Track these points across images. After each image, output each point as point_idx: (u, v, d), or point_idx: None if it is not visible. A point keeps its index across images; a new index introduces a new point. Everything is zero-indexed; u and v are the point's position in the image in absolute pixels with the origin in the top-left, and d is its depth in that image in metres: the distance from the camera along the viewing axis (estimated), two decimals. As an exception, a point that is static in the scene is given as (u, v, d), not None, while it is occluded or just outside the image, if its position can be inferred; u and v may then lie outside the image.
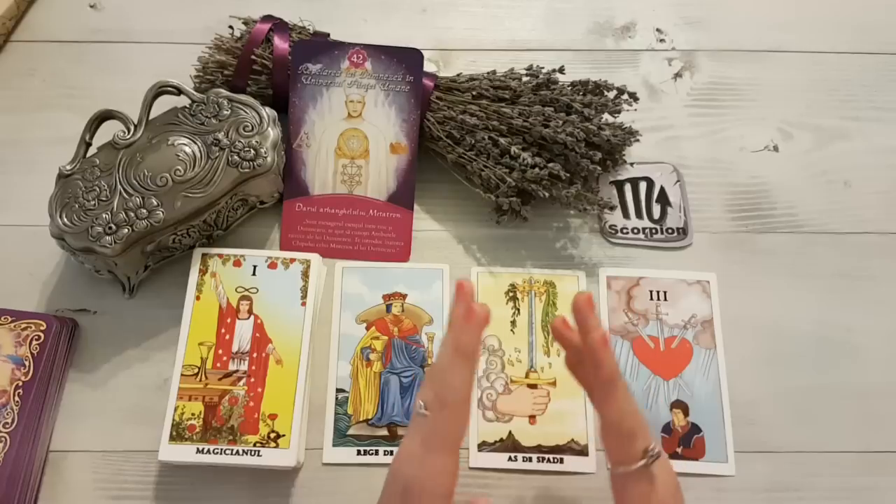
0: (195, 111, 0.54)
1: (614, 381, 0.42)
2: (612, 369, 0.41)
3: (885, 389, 0.55)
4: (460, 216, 0.60)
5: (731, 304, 0.57)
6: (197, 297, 0.53)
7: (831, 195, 0.61)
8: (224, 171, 0.52)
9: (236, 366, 0.51)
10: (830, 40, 0.68)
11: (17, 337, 0.51)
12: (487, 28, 0.68)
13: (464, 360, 0.41)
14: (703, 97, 0.65)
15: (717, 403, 0.54)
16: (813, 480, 0.52)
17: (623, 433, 0.41)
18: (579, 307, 0.43)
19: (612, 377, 0.41)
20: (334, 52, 0.59)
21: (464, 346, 0.41)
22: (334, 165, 0.59)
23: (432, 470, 0.40)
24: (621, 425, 0.41)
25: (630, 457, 0.41)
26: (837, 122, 0.64)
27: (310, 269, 0.54)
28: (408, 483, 0.40)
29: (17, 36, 0.66)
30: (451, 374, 0.41)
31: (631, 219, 0.60)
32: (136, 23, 0.67)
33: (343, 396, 0.53)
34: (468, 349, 0.41)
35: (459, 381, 0.41)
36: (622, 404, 0.41)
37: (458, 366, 0.41)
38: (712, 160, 0.62)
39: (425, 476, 0.39)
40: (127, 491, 0.51)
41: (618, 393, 0.41)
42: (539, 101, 0.57)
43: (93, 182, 0.52)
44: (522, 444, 0.52)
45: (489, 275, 0.58)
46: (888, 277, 0.58)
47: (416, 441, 0.41)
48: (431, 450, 0.40)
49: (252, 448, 0.49)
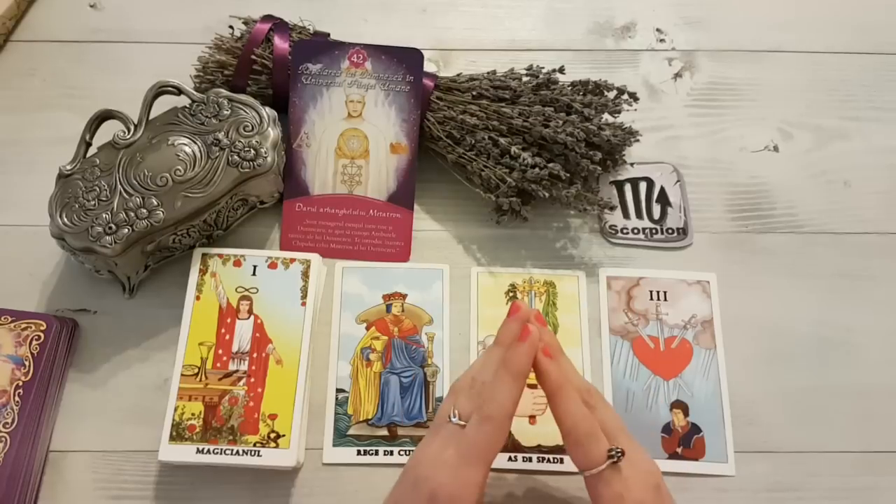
0: (195, 111, 0.54)
1: (559, 388, 0.42)
2: (554, 377, 0.42)
3: (885, 389, 0.55)
4: (460, 216, 0.60)
5: (731, 304, 0.57)
6: (197, 297, 0.53)
7: (831, 195, 0.61)
8: (224, 171, 0.52)
9: (236, 366, 0.51)
10: (830, 40, 0.68)
11: (17, 337, 0.51)
12: (487, 28, 0.68)
13: (513, 378, 0.42)
14: (703, 97, 0.65)
15: (717, 403, 0.54)
16: (813, 480, 0.52)
17: (581, 438, 0.41)
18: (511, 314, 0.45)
19: (557, 385, 0.42)
20: (334, 52, 0.59)
21: (515, 366, 0.42)
22: (334, 165, 0.59)
23: (466, 482, 0.40)
24: (577, 430, 0.42)
25: (594, 460, 0.41)
26: (837, 122, 0.64)
27: (310, 269, 0.54)
28: (436, 491, 0.40)
29: (17, 36, 0.66)
30: (499, 391, 0.41)
31: (631, 219, 0.60)
32: (137, 23, 0.67)
33: (343, 396, 0.53)
34: (518, 369, 0.42)
35: (507, 399, 0.41)
36: (573, 409, 0.42)
37: (508, 384, 0.42)
38: (712, 160, 0.62)
39: (457, 487, 0.40)
40: (127, 491, 0.51)
41: (566, 399, 0.42)
42: (539, 101, 0.57)
43: (93, 182, 0.52)
44: (522, 444, 0.52)
45: (489, 275, 0.58)
46: (888, 277, 0.58)
47: (450, 450, 0.41)
48: (468, 462, 0.40)
49: (252, 448, 0.49)
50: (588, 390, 0.45)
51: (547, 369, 0.43)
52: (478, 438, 0.41)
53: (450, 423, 0.42)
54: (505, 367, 0.42)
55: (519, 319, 0.45)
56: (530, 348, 0.43)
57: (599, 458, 0.41)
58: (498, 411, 0.41)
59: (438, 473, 0.40)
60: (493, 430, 0.41)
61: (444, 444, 0.41)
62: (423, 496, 0.40)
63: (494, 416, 0.41)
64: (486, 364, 0.44)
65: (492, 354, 0.44)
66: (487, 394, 0.42)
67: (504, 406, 0.41)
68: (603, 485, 0.41)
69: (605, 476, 0.41)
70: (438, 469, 0.40)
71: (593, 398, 0.45)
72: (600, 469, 0.41)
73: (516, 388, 0.42)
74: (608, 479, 0.41)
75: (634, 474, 0.41)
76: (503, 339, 0.45)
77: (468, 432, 0.41)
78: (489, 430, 0.41)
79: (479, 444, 0.41)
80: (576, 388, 0.44)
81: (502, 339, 0.45)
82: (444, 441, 0.42)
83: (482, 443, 0.41)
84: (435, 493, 0.40)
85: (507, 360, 0.43)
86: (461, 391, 0.44)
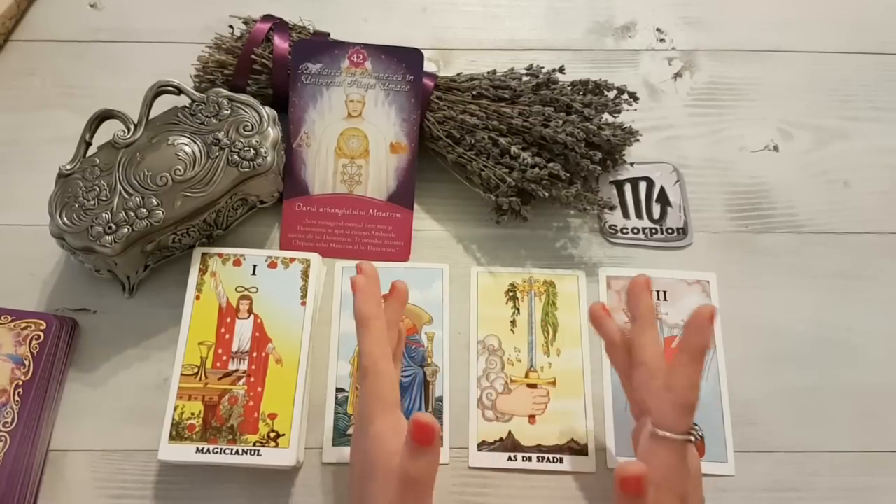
0: (195, 111, 0.54)
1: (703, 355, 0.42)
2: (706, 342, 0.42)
3: (885, 389, 0.55)
4: (460, 216, 0.60)
5: (731, 303, 0.57)
6: (197, 297, 0.53)
7: (831, 195, 0.61)
8: (224, 171, 0.52)
9: (236, 365, 0.51)
10: (830, 40, 0.68)
11: (17, 336, 0.51)
12: (487, 28, 0.68)
13: (364, 325, 0.43)
14: (703, 97, 0.65)
15: (717, 403, 0.54)
16: (813, 480, 0.52)
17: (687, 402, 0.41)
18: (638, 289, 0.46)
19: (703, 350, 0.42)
20: (334, 52, 0.59)
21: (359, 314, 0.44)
22: (334, 165, 0.59)
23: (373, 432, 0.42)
24: (689, 395, 0.41)
25: (681, 426, 0.41)
26: (837, 122, 0.64)
27: (310, 269, 0.54)
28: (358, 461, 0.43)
29: (17, 36, 0.66)
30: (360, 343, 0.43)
31: (631, 219, 0.60)
32: (137, 22, 0.67)
33: (343, 396, 0.53)
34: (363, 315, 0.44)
35: (368, 346, 0.43)
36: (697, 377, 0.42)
37: (362, 332, 0.43)
38: (712, 160, 0.62)
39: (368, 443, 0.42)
40: (127, 490, 0.51)
41: (699, 366, 0.42)
42: (539, 101, 0.57)
43: (93, 181, 0.52)
44: (522, 443, 0.52)
45: (489, 274, 0.58)
46: (888, 277, 0.58)
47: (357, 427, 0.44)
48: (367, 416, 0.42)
49: (252, 448, 0.49)
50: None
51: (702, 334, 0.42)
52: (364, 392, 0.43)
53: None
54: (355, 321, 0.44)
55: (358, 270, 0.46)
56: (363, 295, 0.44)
57: (685, 428, 0.41)
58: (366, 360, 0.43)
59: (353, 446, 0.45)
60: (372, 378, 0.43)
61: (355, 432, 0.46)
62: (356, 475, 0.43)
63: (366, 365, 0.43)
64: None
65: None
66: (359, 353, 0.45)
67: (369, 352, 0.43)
68: (668, 451, 0.41)
69: (676, 446, 0.41)
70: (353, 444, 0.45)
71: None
72: (676, 437, 0.41)
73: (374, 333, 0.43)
74: (676, 449, 0.41)
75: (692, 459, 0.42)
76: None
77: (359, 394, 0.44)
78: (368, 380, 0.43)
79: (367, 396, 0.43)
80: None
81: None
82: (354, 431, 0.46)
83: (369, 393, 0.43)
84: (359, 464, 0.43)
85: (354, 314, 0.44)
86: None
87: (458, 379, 0.54)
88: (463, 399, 0.53)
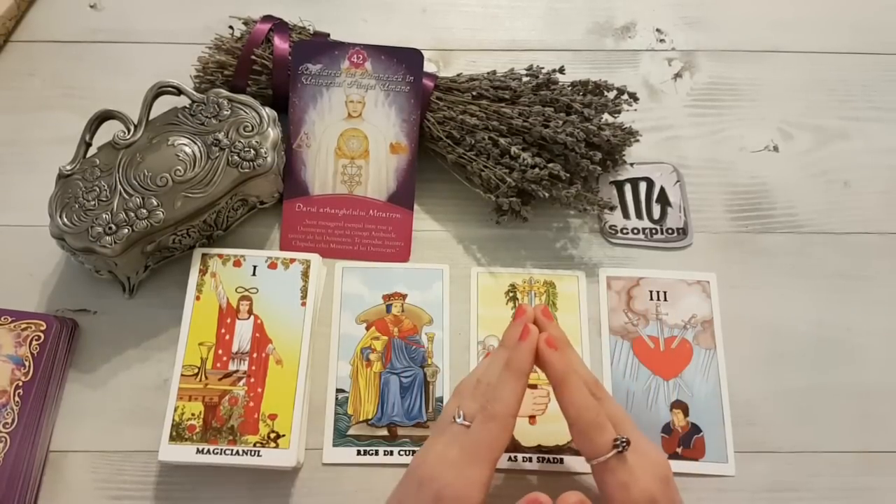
0: (195, 111, 0.54)
1: (565, 378, 0.43)
2: (559, 366, 0.43)
3: (885, 389, 0.55)
4: (460, 216, 0.60)
5: (731, 304, 0.57)
6: (197, 298, 0.53)
7: (831, 195, 0.61)
8: (224, 172, 0.52)
9: (236, 366, 0.51)
10: (830, 40, 0.68)
11: (17, 337, 0.51)
12: (487, 28, 0.68)
13: (516, 377, 0.43)
14: (703, 97, 0.65)
15: (717, 403, 0.54)
16: (813, 480, 0.52)
17: (587, 426, 0.42)
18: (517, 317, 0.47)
19: (562, 375, 0.43)
20: (334, 53, 0.59)
21: (517, 364, 0.43)
22: (334, 165, 0.59)
23: (470, 481, 0.40)
24: (581, 419, 0.42)
25: (599, 449, 0.41)
26: (837, 122, 0.64)
27: (310, 270, 0.54)
28: (441, 491, 0.40)
29: (17, 36, 0.66)
30: (503, 390, 0.42)
31: (631, 219, 0.60)
32: (137, 23, 0.67)
33: (343, 396, 0.53)
34: (520, 367, 0.43)
35: (510, 397, 0.42)
36: (578, 399, 0.42)
37: (511, 382, 0.42)
38: (712, 160, 0.62)
39: (462, 486, 0.40)
40: (127, 491, 0.51)
41: (571, 388, 0.42)
42: (539, 102, 0.57)
43: (93, 182, 0.52)
44: (522, 444, 0.52)
45: (489, 275, 0.58)
46: (888, 277, 0.58)
47: (454, 449, 0.41)
48: (473, 462, 0.41)
49: (252, 448, 0.49)
50: (595, 383, 0.46)
51: (550, 359, 0.43)
52: (482, 437, 0.41)
53: (454, 424, 0.42)
54: (508, 366, 0.43)
55: (522, 321, 0.46)
56: (530, 346, 0.43)
57: (605, 447, 0.41)
58: (502, 410, 0.42)
59: (443, 473, 0.40)
60: (497, 429, 0.41)
61: (448, 445, 0.42)
62: (429, 496, 0.40)
63: (499, 414, 0.41)
64: (491, 365, 0.45)
65: (497, 356, 0.45)
66: (492, 393, 0.42)
67: (508, 404, 0.42)
68: (608, 473, 0.41)
69: (611, 465, 0.41)
70: (443, 469, 0.41)
71: (600, 391, 0.45)
72: (606, 458, 0.41)
73: (519, 387, 0.43)
74: (613, 468, 0.41)
75: (641, 464, 0.41)
76: (507, 340, 0.46)
77: (473, 431, 0.41)
78: (493, 429, 0.41)
79: (484, 442, 0.41)
80: (582, 380, 0.44)
81: (507, 341, 0.46)
82: (448, 441, 0.42)
83: (487, 441, 0.41)
84: (440, 493, 0.40)
85: (509, 360, 0.43)
86: (465, 392, 0.44)
87: (458, 379, 0.53)
88: (463, 399, 0.53)
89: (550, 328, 0.46)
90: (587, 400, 0.42)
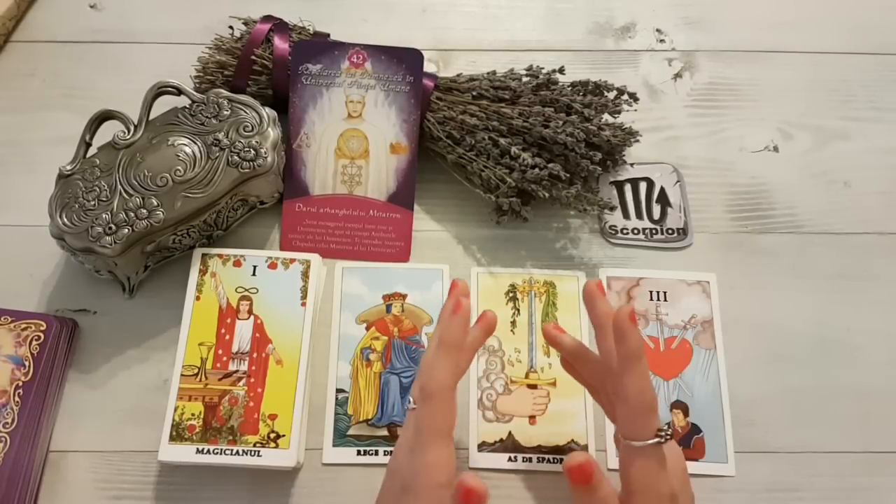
0: (195, 111, 0.54)
1: (638, 356, 0.42)
2: (638, 343, 0.42)
3: (885, 389, 0.55)
4: (460, 216, 0.60)
5: (731, 304, 0.57)
6: (197, 298, 0.53)
7: (831, 195, 0.61)
8: (224, 172, 0.52)
9: (236, 366, 0.51)
10: (830, 41, 0.68)
11: (17, 337, 0.51)
12: (487, 28, 0.68)
13: (447, 351, 0.42)
14: (702, 97, 0.65)
15: (717, 404, 0.54)
16: (813, 480, 0.52)
17: (643, 408, 0.41)
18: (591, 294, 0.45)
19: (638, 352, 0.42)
20: (334, 53, 0.59)
21: (447, 338, 0.42)
22: (334, 166, 0.59)
23: (426, 460, 0.40)
24: (642, 399, 0.41)
25: (644, 432, 0.41)
26: (837, 122, 0.64)
27: (310, 270, 0.54)
28: (404, 477, 0.40)
29: (17, 36, 0.66)
30: (434, 366, 0.42)
31: (631, 219, 0.60)
32: (137, 23, 0.67)
33: (343, 396, 0.53)
34: (451, 341, 0.42)
35: (442, 372, 0.42)
36: (644, 380, 0.42)
37: (442, 357, 0.42)
38: (712, 160, 0.63)
39: (419, 467, 0.40)
40: (127, 491, 0.51)
41: (640, 367, 0.42)
42: (539, 102, 0.57)
43: (93, 182, 0.52)
44: (522, 444, 0.52)
45: (489, 275, 0.58)
46: (888, 277, 0.58)
47: (408, 435, 0.42)
48: (423, 443, 0.41)
49: (252, 448, 0.49)
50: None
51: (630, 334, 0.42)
52: (424, 416, 0.41)
53: (409, 410, 0.43)
54: (441, 341, 0.42)
55: (455, 295, 0.45)
56: (461, 319, 0.43)
57: (650, 433, 0.41)
58: (437, 385, 0.41)
59: (404, 462, 0.41)
60: (435, 405, 0.41)
61: (405, 432, 0.43)
62: (396, 486, 0.41)
63: (434, 390, 0.41)
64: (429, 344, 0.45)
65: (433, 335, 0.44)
66: (428, 371, 0.42)
67: (441, 380, 0.41)
68: (641, 458, 0.41)
69: (648, 451, 0.41)
70: (404, 457, 0.41)
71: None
72: (647, 443, 0.41)
73: (450, 361, 0.42)
74: (649, 455, 0.41)
75: (671, 457, 0.42)
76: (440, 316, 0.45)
77: (417, 413, 0.41)
78: (432, 406, 0.41)
79: (426, 421, 0.41)
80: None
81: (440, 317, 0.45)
82: (405, 428, 0.43)
83: (428, 419, 0.41)
84: (404, 481, 0.40)
85: (442, 335, 0.43)
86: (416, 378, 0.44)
87: (458, 379, 0.54)
88: (463, 400, 0.53)
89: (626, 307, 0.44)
90: (650, 382, 0.42)
